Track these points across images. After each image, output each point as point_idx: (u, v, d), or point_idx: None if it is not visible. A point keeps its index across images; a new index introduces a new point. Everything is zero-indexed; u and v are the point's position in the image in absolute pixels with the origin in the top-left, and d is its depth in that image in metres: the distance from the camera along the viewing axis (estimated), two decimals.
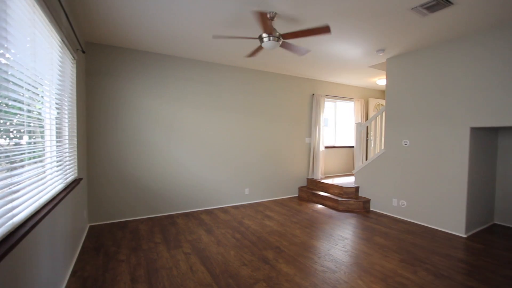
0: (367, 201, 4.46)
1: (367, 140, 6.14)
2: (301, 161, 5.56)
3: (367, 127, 6.03)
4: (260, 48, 2.89)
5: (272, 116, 5.14)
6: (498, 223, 3.82)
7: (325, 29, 2.19)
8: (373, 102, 6.49)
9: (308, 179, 5.57)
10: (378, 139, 5.06)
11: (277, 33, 2.54)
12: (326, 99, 5.91)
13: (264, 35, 2.55)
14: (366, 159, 5.00)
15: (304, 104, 5.56)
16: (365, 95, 6.57)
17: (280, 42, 2.61)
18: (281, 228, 3.54)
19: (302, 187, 5.51)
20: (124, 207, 3.81)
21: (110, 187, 3.71)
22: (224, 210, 4.39)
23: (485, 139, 3.55)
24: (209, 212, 4.27)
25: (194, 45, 3.60)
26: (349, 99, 6.24)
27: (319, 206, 4.70)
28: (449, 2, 2.40)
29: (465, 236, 3.29)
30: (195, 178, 4.35)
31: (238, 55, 4.06)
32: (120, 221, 3.75)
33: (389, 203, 4.18)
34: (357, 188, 4.67)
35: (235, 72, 4.67)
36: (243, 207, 4.56)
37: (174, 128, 4.14)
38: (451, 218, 3.42)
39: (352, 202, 4.44)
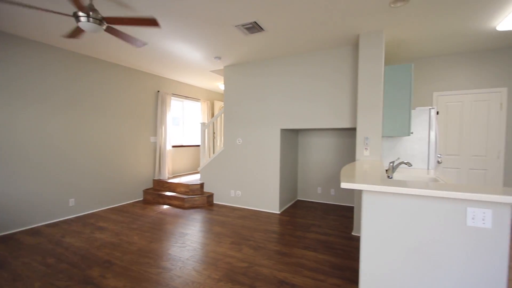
0: (210, 196, 4.82)
1: (214, 139, 6.65)
2: (146, 161, 5.20)
3: (212, 127, 6.49)
4: (80, 30, 2.40)
5: (110, 112, 4.46)
6: (300, 198, 5.23)
7: (152, 22, 2.12)
8: (218, 104, 7.10)
9: (154, 180, 5.29)
10: (221, 138, 5.61)
11: (99, 15, 2.20)
12: (173, 97, 5.84)
13: (81, 13, 2.14)
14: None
15: (149, 101, 5.23)
16: (211, 97, 7.08)
17: (104, 27, 2.28)
18: (115, 238, 3.14)
19: (147, 189, 5.16)
20: None
21: None
22: (34, 231, 3.34)
23: (290, 137, 4.75)
24: (6, 238, 3.10)
25: None
26: (196, 99, 6.49)
27: (165, 206, 4.58)
28: (261, 28, 3.01)
29: (279, 212, 4.26)
30: None
31: (57, 30, 3.20)
32: None
33: (228, 194, 4.73)
34: (202, 185, 4.95)
35: (51, 53, 3.65)
36: (66, 223, 3.67)
37: None
38: (270, 200, 4.33)
39: (197, 198, 4.65)
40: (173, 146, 5.85)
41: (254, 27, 2.96)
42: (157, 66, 4.72)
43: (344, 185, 1.56)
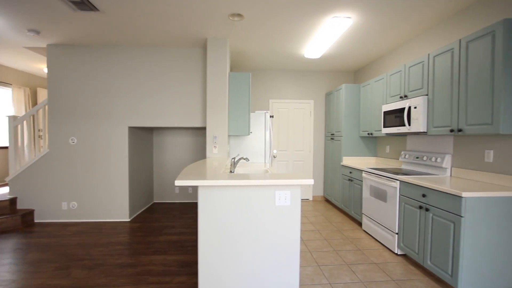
0: (29, 213, 3.63)
1: (39, 138, 5.07)
2: None
3: (32, 121, 4.96)
4: None
5: None
6: (157, 201, 4.93)
7: None
8: (44, 93, 5.48)
9: None
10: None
11: None
12: None
13: None
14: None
15: None
16: (33, 84, 5.37)
17: None
18: None
19: None
20: None
21: None
22: None
23: (143, 136, 4.37)
24: None
25: None
26: (4, 84, 4.71)
27: None
28: (95, 7, 2.56)
29: (129, 220, 3.82)
30: None
31: None
32: None
33: (59, 208, 3.75)
34: (13, 200, 3.64)
35: None
36: None
37: None
38: (117, 208, 3.80)
39: (4, 220, 3.37)
40: None
41: (84, 4, 2.46)
42: None
43: (178, 182, 1.57)
